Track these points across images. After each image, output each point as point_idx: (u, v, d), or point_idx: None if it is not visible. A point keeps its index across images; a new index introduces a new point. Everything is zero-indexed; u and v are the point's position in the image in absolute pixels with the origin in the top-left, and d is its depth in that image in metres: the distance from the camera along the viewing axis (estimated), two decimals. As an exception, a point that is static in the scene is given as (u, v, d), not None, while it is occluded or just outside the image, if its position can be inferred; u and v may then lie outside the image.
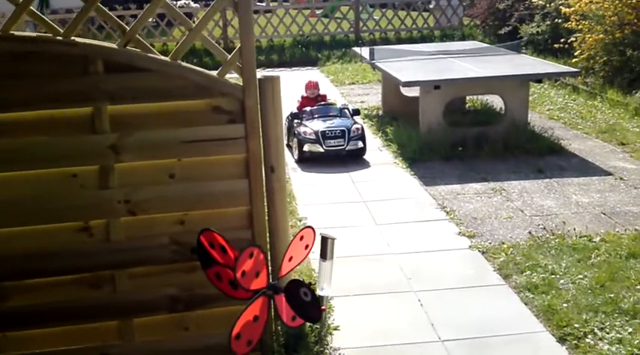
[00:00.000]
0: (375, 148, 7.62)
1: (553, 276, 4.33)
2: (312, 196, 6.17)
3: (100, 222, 2.88)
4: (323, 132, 7.02)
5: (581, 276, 4.31)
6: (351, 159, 7.14)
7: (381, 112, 9.30)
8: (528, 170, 6.67)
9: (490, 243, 4.95)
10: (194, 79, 2.79)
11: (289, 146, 7.58)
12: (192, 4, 22.02)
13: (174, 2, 20.50)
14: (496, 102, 9.15)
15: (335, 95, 10.74)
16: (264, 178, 2.93)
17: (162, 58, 2.81)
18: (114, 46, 2.78)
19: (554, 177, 6.42)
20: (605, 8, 10.17)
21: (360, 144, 7.12)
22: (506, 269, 4.51)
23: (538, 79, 7.40)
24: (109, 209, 2.87)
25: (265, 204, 3.00)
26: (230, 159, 2.88)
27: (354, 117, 7.52)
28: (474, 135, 7.35)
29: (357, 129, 7.16)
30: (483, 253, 4.81)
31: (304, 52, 14.76)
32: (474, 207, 5.74)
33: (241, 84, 2.83)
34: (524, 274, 4.40)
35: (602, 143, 7.60)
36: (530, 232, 5.09)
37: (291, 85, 11.96)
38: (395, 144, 7.52)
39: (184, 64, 2.82)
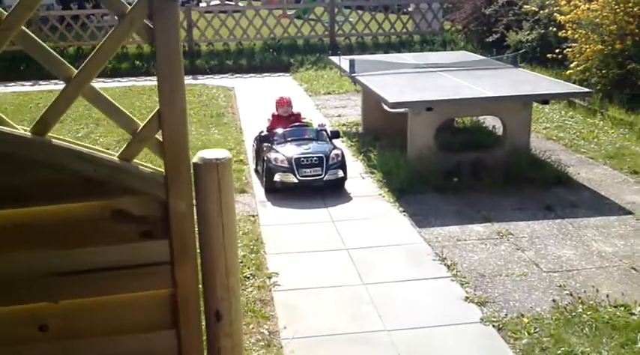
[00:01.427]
0: (357, 175, 6.61)
1: (595, 372, 3.38)
2: (285, 241, 5.13)
3: None
4: (297, 160, 5.97)
5: (631, 372, 3.36)
6: (330, 189, 6.13)
7: (361, 129, 8.31)
8: (535, 207, 5.73)
9: (506, 315, 3.98)
10: (75, 167, 1.65)
11: (257, 171, 6.55)
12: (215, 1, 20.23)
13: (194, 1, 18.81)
14: (487, 119, 8.25)
15: (309, 107, 9.73)
16: (204, 329, 1.82)
17: (17, 132, 1.66)
18: None
19: (567, 217, 5.49)
20: (603, 16, 9.34)
21: (340, 173, 6.10)
22: (531, 356, 3.54)
23: (545, 100, 6.45)
24: None
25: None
26: (144, 298, 1.75)
27: (333, 141, 6.47)
28: (469, 161, 6.40)
29: (337, 155, 6.13)
30: (500, 329, 3.83)
31: (276, 57, 13.70)
32: (479, 258, 4.77)
33: (163, 172, 1.73)
34: (557, 367, 3.44)
35: (612, 171, 6.71)
36: (554, 300, 4.13)
37: (261, 94, 10.94)
38: (379, 172, 6.52)
39: (59, 141, 1.69)
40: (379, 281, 4.43)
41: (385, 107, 7.59)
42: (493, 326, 3.86)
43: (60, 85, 1.85)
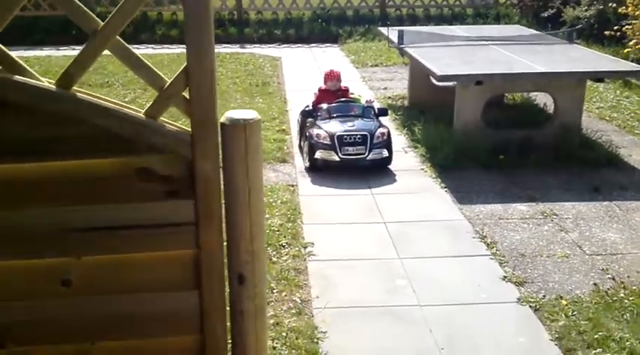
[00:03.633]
0: (400, 149, 6.51)
1: (634, 359, 3.27)
2: (322, 212, 5.11)
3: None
4: (340, 137, 5.73)
5: (672, 361, 3.24)
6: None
7: (406, 103, 8.18)
8: (583, 187, 5.56)
9: (544, 296, 3.88)
10: (100, 122, 1.62)
11: (301, 147, 6.36)
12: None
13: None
14: (539, 96, 8.01)
15: (355, 79, 9.61)
16: (227, 292, 1.79)
17: (42, 84, 1.62)
18: None
19: (615, 200, 5.31)
20: (667, -7, 8.91)
21: (385, 152, 5.85)
22: (567, 339, 3.45)
23: (600, 78, 6.21)
24: None
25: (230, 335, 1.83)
26: (167, 258, 1.73)
27: (380, 118, 6.20)
28: (517, 139, 6.23)
29: (382, 134, 5.87)
30: (536, 310, 3.74)
31: (324, 28, 13.54)
32: (520, 237, 4.66)
33: (190, 131, 1.69)
34: (592, 351, 3.34)
35: (667, 154, 6.44)
36: (595, 284, 4.01)
37: (308, 64, 10.88)
38: (423, 147, 6.41)
39: (83, 95, 1.65)
40: (416, 256, 4.38)
41: (433, 80, 7.44)
42: (530, 306, 3.77)
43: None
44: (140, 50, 11.71)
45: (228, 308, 1.82)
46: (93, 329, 1.77)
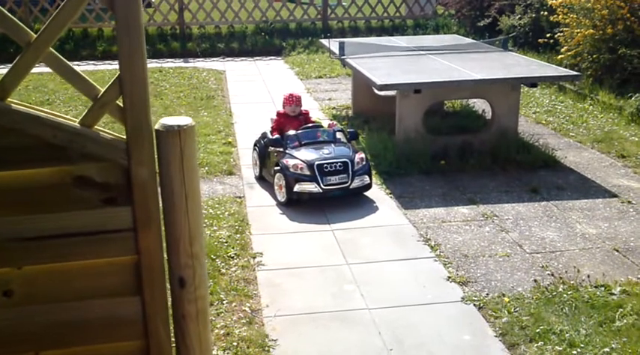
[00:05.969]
0: (345, 157, 6.59)
1: (572, 350, 3.40)
2: (270, 222, 5.14)
3: None
4: (320, 166, 5.26)
5: (607, 350, 3.39)
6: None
7: (351, 113, 8.30)
8: (521, 189, 5.76)
9: (487, 294, 4.01)
10: (35, 132, 1.64)
11: (261, 178, 5.93)
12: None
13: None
14: (477, 103, 8.26)
15: (300, 90, 9.69)
16: (168, 296, 1.82)
17: None
18: None
19: (552, 199, 5.52)
20: (595, 1, 9.31)
21: (367, 179, 5.42)
22: (511, 334, 3.57)
23: (533, 83, 6.46)
24: None
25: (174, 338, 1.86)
26: (108, 264, 1.75)
27: (351, 143, 5.78)
28: (457, 144, 6.41)
29: (362, 159, 5.45)
30: (480, 308, 3.86)
31: (267, 41, 13.62)
32: (462, 239, 4.79)
33: (125, 139, 1.72)
34: (535, 345, 3.46)
35: (600, 155, 6.73)
36: (535, 280, 4.16)
37: (252, 77, 10.92)
38: (367, 154, 6.50)
39: (19, 106, 1.67)
40: (363, 261, 4.45)
41: (374, 90, 7.59)
42: (474, 305, 3.89)
43: (46, 68, 1.81)
44: (81, 66, 11.57)
45: (171, 312, 1.85)
46: (36, 339, 1.77)
